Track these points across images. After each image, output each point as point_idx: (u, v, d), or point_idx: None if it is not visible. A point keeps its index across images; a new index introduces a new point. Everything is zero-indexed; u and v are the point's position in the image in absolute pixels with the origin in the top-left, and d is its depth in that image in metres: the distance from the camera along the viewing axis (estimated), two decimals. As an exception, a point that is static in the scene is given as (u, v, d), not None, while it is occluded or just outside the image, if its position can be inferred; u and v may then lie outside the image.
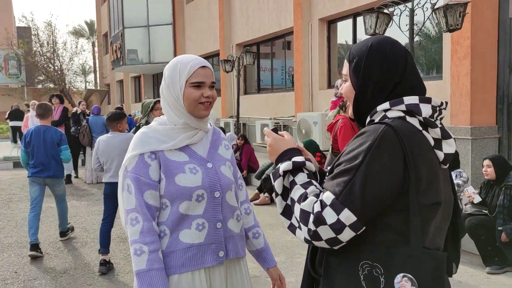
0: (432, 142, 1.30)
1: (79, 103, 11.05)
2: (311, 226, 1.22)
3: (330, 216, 1.20)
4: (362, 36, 10.08)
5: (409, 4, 5.92)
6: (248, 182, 8.80)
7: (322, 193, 1.26)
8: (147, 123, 5.46)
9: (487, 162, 4.16)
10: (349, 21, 10.21)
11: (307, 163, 1.36)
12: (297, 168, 1.35)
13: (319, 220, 1.21)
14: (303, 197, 1.27)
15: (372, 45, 1.34)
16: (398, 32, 5.79)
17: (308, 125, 10.11)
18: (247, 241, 1.90)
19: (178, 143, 1.68)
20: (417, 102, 1.29)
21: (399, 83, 1.32)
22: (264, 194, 7.46)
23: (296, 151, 1.41)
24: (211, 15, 16.04)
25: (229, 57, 11.01)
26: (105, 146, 4.58)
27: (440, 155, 1.31)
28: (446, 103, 1.35)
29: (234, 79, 14.45)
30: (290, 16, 11.54)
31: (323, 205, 1.22)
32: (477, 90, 6.97)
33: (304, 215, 1.24)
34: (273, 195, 1.38)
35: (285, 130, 12.05)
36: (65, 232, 5.63)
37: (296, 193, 1.29)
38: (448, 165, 1.36)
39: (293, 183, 1.32)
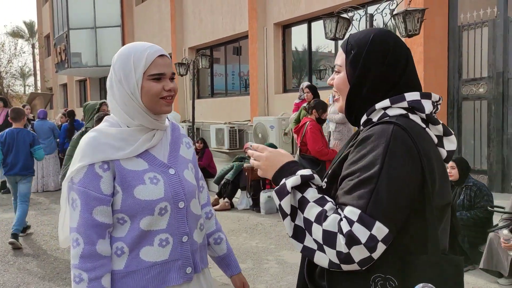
0: (435, 140, 1.24)
1: (23, 106, 10.44)
2: (343, 248, 1.07)
3: (361, 233, 1.06)
4: (317, 41, 10.24)
5: (368, 9, 6.04)
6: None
7: (340, 209, 1.13)
8: (93, 127, 5.19)
9: (451, 163, 4.28)
10: (304, 26, 10.33)
11: (315, 176, 1.21)
12: (304, 183, 1.19)
13: (352, 239, 1.06)
14: (323, 216, 1.12)
15: (375, 37, 1.24)
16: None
17: (264, 129, 10.10)
18: (209, 247, 1.72)
19: (137, 149, 1.44)
20: (419, 98, 1.21)
21: (398, 81, 1.23)
22: (224, 199, 7.33)
23: (296, 164, 1.26)
24: (162, 17, 15.73)
25: (184, 60, 10.81)
26: None
27: (443, 153, 1.27)
28: (441, 98, 1.28)
29: (186, 83, 14.23)
30: (245, 20, 11.51)
31: (349, 222, 1.08)
32: (429, 94, 7.22)
33: (330, 236, 1.09)
34: (281, 215, 1.20)
35: (241, 134, 11.99)
36: (17, 234, 5.44)
37: (311, 212, 1.14)
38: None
39: (304, 201, 1.16)
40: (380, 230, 1.07)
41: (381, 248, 1.08)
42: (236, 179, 7.31)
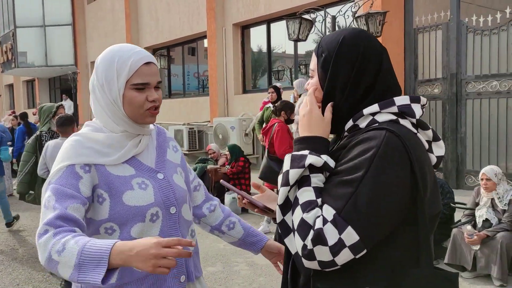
0: (426, 145, 1.19)
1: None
2: (308, 243, 1.04)
3: (331, 235, 1.02)
4: (276, 42, 10.29)
5: (328, 11, 6.14)
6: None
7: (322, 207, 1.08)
8: (49, 130, 4.99)
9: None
10: (263, 27, 10.37)
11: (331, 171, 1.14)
12: (319, 168, 1.13)
13: (319, 238, 1.03)
14: (311, 206, 1.07)
15: (345, 39, 1.18)
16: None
17: (225, 130, 10.05)
18: (224, 235, 1.67)
19: (124, 155, 1.37)
20: (409, 102, 1.16)
21: (373, 84, 1.17)
22: (187, 202, 7.22)
23: (327, 145, 1.18)
24: (116, 16, 15.32)
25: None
26: (54, 151, 4.09)
27: (433, 159, 1.21)
28: (427, 101, 1.23)
29: (143, 84, 13.94)
30: (203, 20, 11.41)
31: (324, 221, 1.04)
32: (388, 95, 7.44)
33: (304, 227, 1.06)
34: (279, 178, 1.14)
35: (200, 135, 11.88)
36: (11, 222, 6.21)
37: (304, 194, 1.09)
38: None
39: (306, 181, 1.11)
40: (350, 235, 1.02)
41: (346, 254, 1.03)
42: (199, 181, 7.21)
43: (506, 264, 3.86)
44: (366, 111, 1.16)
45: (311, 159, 1.11)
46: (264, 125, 6.10)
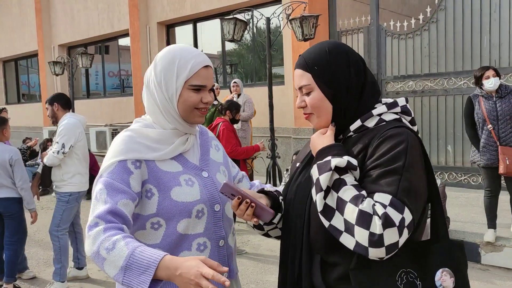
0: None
1: None
2: (377, 229, 1.08)
3: (395, 216, 1.09)
4: (203, 42, 10.28)
5: (265, 13, 6.30)
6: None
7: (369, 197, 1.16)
8: None
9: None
10: (189, 26, 10.31)
11: (357, 170, 1.22)
12: (345, 169, 1.20)
13: (388, 220, 1.08)
14: (360, 199, 1.13)
15: (330, 49, 1.29)
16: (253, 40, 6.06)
17: (152, 131, 9.86)
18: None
19: (172, 151, 1.43)
20: (405, 103, 1.32)
21: (364, 82, 1.30)
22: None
23: (342, 149, 1.26)
24: (24, 10, 14.29)
25: (59, 58, 10.00)
26: None
27: None
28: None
29: (57, 84, 13.18)
30: (125, 18, 11.08)
31: (383, 206, 1.10)
32: (315, 94, 7.80)
33: (365, 216, 1.10)
34: (313, 190, 1.21)
35: (124, 136, 11.50)
36: None
37: (346, 193, 1.15)
38: None
39: (341, 183, 1.17)
40: (408, 215, 1.10)
41: (406, 234, 1.10)
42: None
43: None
44: (375, 111, 1.28)
45: (335, 161, 1.19)
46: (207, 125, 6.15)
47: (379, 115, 1.28)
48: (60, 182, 4.03)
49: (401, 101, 1.32)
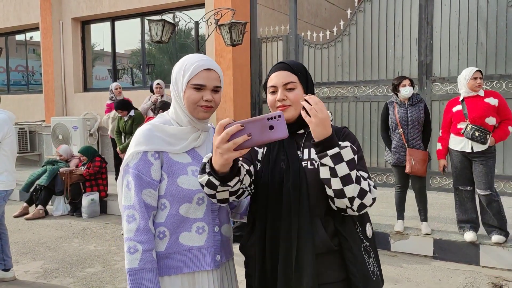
0: None
1: None
2: (375, 194, 1.57)
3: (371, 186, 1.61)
4: (120, 40, 10.09)
5: (187, 16, 6.44)
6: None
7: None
8: None
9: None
10: (107, 24, 10.07)
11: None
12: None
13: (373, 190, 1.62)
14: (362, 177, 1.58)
15: (303, 65, 1.71)
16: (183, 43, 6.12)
17: (66, 130, 9.48)
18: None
19: (186, 147, 1.66)
20: None
21: (313, 90, 1.74)
22: (36, 206, 6.69)
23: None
24: None
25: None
26: None
27: None
28: None
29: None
30: (34, 12, 10.50)
31: (369, 182, 1.59)
32: (237, 97, 8.11)
33: (368, 188, 1.55)
34: (342, 167, 1.44)
35: (32, 136, 10.89)
36: None
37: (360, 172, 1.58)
38: None
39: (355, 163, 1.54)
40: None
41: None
42: (50, 184, 6.76)
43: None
44: None
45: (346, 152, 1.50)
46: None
47: None
48: (-13, 180, 3.85)
49: None
